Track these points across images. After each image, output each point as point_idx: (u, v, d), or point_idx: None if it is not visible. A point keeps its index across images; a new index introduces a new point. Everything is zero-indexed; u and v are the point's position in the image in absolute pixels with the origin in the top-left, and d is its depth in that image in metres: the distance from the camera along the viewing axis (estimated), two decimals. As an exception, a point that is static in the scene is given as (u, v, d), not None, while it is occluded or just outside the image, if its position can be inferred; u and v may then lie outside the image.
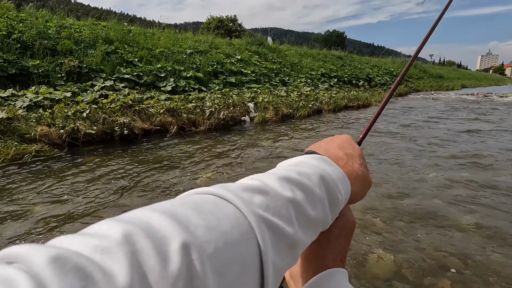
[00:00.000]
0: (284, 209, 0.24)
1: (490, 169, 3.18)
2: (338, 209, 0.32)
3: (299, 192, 0.26)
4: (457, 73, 38.14)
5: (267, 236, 0.22)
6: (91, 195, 2.48)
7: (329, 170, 0.31)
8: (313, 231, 0.28)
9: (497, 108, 9.04)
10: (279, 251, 0.23)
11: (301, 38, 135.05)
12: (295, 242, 0.25)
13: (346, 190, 0.32)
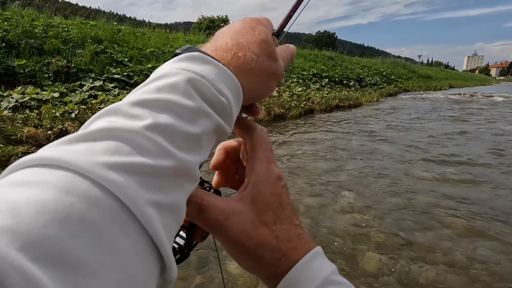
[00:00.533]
0: (146, 141, 0.19)
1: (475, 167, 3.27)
2: (230, 114, 0.26)
3: (162, 114, 0.21)
4: (445, 73, 39.00)
5: (126, 179, 0.17)
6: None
7: (202, 70, 0.24)
8: (207, 145, 0.24)
9: (482, 108, 9.29)
10: (155, 188, 0.18)
11: (292, 39, 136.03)
12: (181, 171, 0.20)
13: (234, 89, 0.26)
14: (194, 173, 0.22)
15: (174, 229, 0.20)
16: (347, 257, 1.69)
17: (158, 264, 0.18)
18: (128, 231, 0.16)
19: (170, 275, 0.19)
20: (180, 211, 0.21)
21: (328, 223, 2.01)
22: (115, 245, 0.15)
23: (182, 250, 0.40)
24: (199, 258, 1.68)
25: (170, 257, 0.18)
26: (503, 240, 1.84)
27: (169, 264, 0.18)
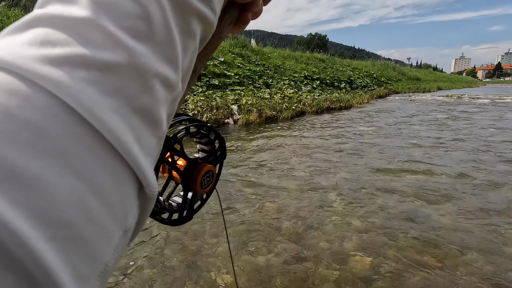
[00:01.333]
0: (87, 28, 0.15)
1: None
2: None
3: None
4: (433, 75, 39.79)
5: (66, 79, 0.13)
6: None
7: None
8: (181, 35, 0.18)
9: (468, 110, 9.52)
10: (111, 90, 0.15)
11: (284, 41, 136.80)
12: (142, 67, 0.16)
13: None
14: (165, 75, 0.17)
15: (151, 141, 0.17)
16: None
17: (131, 176, 0.15)
18: (80, 137, 0.13)
19: (148, 190, 0.16)
20: (156, 120, 0.17)
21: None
22: (64, 149, 0.13)
23: (182, 209, 0.37)
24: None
25: (142, 169, 0.16)
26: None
27: (143, 178, 0.16)
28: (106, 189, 0.14)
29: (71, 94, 0.13)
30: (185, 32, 0.18)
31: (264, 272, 1.60)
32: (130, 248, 1.77)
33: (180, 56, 0.18)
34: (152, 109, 0.16)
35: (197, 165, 0.39)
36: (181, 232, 1.95)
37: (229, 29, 0.27)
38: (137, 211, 0.16)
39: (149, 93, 0.16)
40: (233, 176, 3.02)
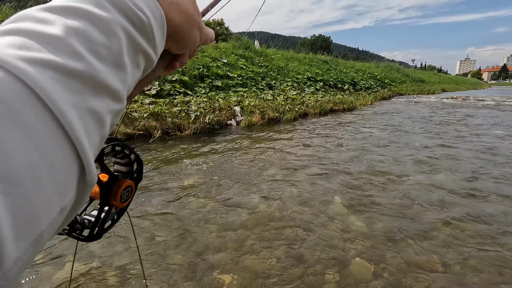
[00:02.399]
0: (57, 41, 0.19)
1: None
2: (152, 35, 0.25)
3: (73, 19, 0.20)
4: (438, 77, 39.52)
5: (35, 72, 0.17)
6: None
7: None
8: (130, 64, 0.23)
9: (475, 111, 9.41)
10: (73, 91, 0.18)
11: (287, 42, 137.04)
12: (99, 80, 0.20)
13: (154, 10, 0.25)
14: (115, 89, 0.21)
15: (96, 138, 0.20)
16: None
17: (76, 162, 0.18)
18: (42, 119, 0.16)
19: (89, 178, 0.19)
20: (103, 123, 0.21)
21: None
22: (28, 125, 0.16)
23: (94, 225, 0.39)
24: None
25: (87, 157, 0.19)
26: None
27: (87, 163, 0.19)
28: (55, 165, 0.17)
29: (41, 85, 0.16)
30: (134, 63, 0.24)
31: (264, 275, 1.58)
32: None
33: (128, 79, 0.23)
34: (101, 112, 0.20)
35: (118, 179, 0.41)
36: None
37: (161, 70, 0.34)
38: (74, 194, 0.19)
39: (100, 99, 0.20)
40: (235, 176, 3.01)
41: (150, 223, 2.11)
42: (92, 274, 1.59)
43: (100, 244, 1.83)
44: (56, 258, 1.70)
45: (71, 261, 1.65)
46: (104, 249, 1.79)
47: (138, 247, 1.81)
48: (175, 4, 0.28)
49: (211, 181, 2.94)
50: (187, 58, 0.36)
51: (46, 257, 1.70)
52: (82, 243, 1.82)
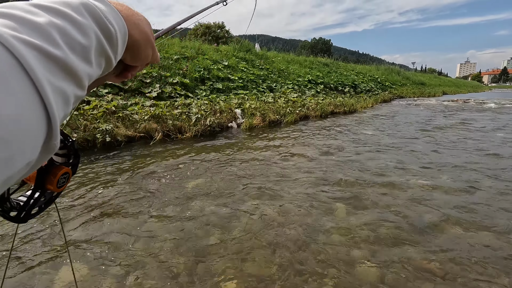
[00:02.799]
0: (42, 30, 0.23)
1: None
2: (116, 44, 0.31)
3: (57, 18, 0.24)
4: (438, 80, 39.54)
5: (24, 50, 0.20)
6: (75, 202, 2.36)
7: (95, 3, 0.29)
8: (95, 62, 0.28)
9: (477, 114, 9.40)
10: (50, 71, 0.22)
11: (288, 45, 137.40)
12: (70, 67, 0.24)
13: (120, 26, 0.31)
14: (80, 78, 0.25)
15: (61, 113, 0.24)
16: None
17: (46, 126, 0.22)
18: (25, 87, 0.20)
19: (54, 142, 0.23)
20: (68, 102, 0.24)
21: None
22: (14, 90, 0.19)
23: (22, 208, 0.42)
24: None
25: (56, 123, 0.22)
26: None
27: (54, 129, 0.22)
28: (31, 123, 0.20)
29: (27, 60, 0.20)
30: (98, 62, 0.29)
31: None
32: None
33: (91, 73, 0.28)
34: (68, 93, 0.24)
35: (56, 165, 0.43)
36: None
37: (112, 76, 0.42)
38: (39, 153, 0.22)
39: (69, 83, 0.24)
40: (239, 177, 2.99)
41: (150, 226, 2.09)
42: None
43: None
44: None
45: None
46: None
47: (66, 242, 1.79)
48: (137, 25, 0.35)
49: (212, 184, 2.92)
50: (136, 71, 0.43)
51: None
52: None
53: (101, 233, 1.99)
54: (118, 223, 2.12)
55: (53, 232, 1.97)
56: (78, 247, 1.81)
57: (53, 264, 1.65)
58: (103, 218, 2.19)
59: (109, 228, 2.05)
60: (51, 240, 1.88)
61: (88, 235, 1.95)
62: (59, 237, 1.90)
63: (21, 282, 1.51)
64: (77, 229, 2.03)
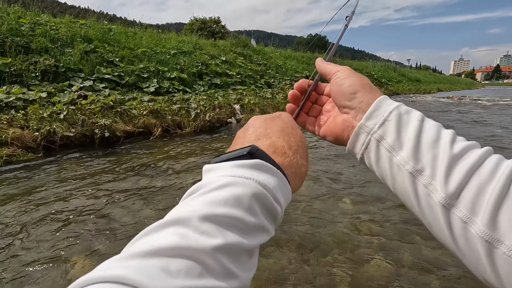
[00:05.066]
0: (215, 263, 0.21)
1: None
2: (280, 219, 0.29)
3: (229, 232, 0.23)
4: (433, 77, 39.83)
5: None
6: (73, 201, 2.30)
7: (265, 180, 0.27)
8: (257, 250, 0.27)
9: (473, 110, 9.49)
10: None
11: (284, 41, 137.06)
12: (245, 286, 0.23)
13: (286, 195, 0.29)
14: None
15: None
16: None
17: None
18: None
19: None
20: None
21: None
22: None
23: None
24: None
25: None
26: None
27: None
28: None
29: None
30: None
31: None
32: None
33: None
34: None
35: None
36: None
37: None
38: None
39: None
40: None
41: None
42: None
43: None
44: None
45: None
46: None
47: None
48: (299, 175, 0.32)
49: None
50: None
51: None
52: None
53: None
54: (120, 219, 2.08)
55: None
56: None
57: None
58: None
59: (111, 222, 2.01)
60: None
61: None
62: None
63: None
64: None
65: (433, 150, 0.30)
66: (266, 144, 0.31)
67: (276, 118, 0.37)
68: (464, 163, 0.28)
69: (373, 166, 0.35)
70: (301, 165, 0.32)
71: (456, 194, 0.27)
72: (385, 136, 0.33)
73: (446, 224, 0.27)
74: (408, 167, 0.30)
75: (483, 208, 0.25)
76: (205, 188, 0.26)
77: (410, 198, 0.31)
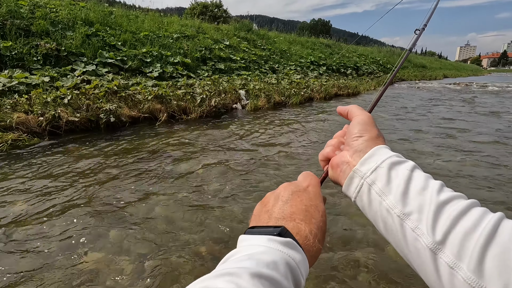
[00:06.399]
0: None
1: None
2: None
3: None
4: (439, 63, 39.05)
5: None
6: (79, 186, 2.26)
7: (294, 256, 0.30)
8: None
9: (485, 95, 9.29)
10: None
11: (287, 26, 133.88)
12: None
13: (306, 272, 0.32)
14: None
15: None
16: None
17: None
18: None
19: None
20: None
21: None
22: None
23: None
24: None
25: None
26: None
27: None
28: None
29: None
30: None
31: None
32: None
33: None
34: None
35: None
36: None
37: None
38: None
39: None
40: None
41: (164, 205, 2.01)
42: (114, 260, 1.48)
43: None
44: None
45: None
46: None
47: None
48: (316, 256, 0.35)
49: (224, 166, 2.83)
50: None
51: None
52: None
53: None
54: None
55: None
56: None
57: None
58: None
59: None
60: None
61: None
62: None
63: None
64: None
65: (421, 196, 0.32)
66: (290, 225, 0.34)
67: (302, 194, 0.39)
68: (451, 210, 0.29)
69: (365, 209, 0.37)
70: (317, 249, 0.35)
71: (443, 239, 0.28)
72: (376, 181, 0.35)
73: (434, 269, 0.29)
74: (396, 211, 0.32)
75: (469, 254, 0.26)
76: (246, 253, 0.29)
77: (400, 242, 0.33)
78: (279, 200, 0.38)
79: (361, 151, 0.39)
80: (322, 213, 0.38)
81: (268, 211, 0.37)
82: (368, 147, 0.39)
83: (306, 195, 0.39)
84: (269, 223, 0.35)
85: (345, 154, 0.41)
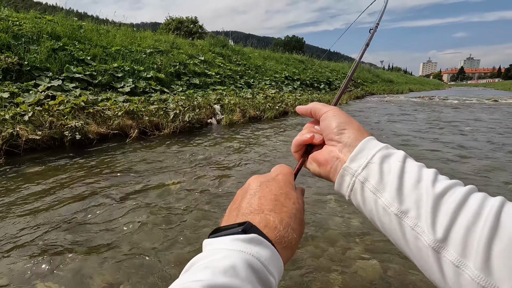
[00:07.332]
0: None
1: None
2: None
3: None
4: (405, 78, 41.72)
5: None
6: (37, 211, 2.09)
7: (259, 253, 0.28)
8: None
9: (443, 109, 9.96)
10: None
11: (262, 42, 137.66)
12: None
13: (279, 268, 0.30)
14: None
15: None
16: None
17: None
18: None
19: None
20: None
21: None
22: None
23: None
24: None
25: None
26: None
27: None
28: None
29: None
30: None
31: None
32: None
33: None
34: None
35: None
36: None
37: None
38: None
39: None
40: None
41: (128, 228, 1.90)
42: None
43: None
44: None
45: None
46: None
47: None
48: (291, 247, 0.33)
49: (194, 180, 2.76)
50: None
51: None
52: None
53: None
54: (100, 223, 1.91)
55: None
56: (51, 258, 1.58)
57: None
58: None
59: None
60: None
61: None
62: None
63: None
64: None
65: (416, 190, 0.30)
66: (257, 218, 0.32)
67: (271, 183, 0.37)
68: (449, 202, 0.28)
69: (361, 207, 0.36)
70: (292, 238, 0.33)
71: (445, 236, 0.27)
72: (369, 178, 0.34)
73: (438, 268, 0.27)
74: (393, 209, 0.31)
75: (474, 250, 0.25)
76: (205, 260, 0.27)
77: (400, 240, 0.31)
78: (247, 194, 0.36)
79: (350, 146, 0.37)
80: (295, 201, 0.36)
81: (237, 208, 0.35)
82: (356, 140, 0.37)
83: (275, 183, 0.37)
84: (236, 220, 0.33)
85: (333, 149, 0.39)
